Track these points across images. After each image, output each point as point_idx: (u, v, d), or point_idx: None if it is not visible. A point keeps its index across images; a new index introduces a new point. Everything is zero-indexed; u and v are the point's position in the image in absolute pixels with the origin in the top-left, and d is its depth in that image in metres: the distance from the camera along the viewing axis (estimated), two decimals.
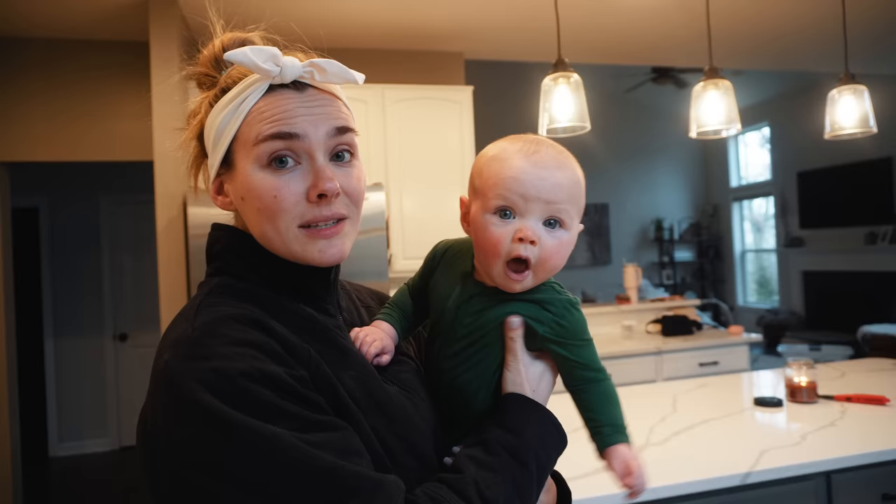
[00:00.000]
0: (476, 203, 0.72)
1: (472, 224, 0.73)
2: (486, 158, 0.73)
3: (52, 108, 3.49)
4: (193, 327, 0.61)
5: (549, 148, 0.72)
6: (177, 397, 0.56)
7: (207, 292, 0.69)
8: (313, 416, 0.59)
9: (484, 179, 0.72)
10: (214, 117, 0.70)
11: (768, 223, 8.73)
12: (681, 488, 1.39)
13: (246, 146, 0.67)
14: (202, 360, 0.58)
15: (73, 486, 4.31)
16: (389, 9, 3.39)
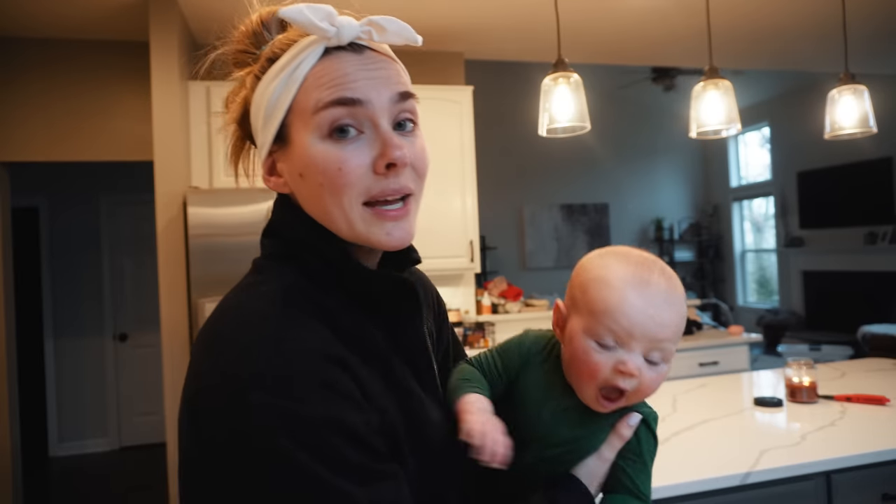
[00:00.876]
0: (577, 320, 0.70)
1: (568, 339, 0.71)
2: (593, 278, 0.70)
3: (52, 109, 3.49)
4: (277, 351, 0.55)
5: (660, 278, 0.69)
6: (252, 428, 0.52)
7: (284, 299, 0.61)
8: (374, 467, 0.56)
9: (590, 301, 0.68)
10: (264, 90, 0.62)
11: (768, 223, 8.73)
12: (681, 488, 1.39)
13: (303, 116, 0.60)
14: (287, 399, 0.53)
15: (73, 486, 4.31)
16: (389, 9, 3.38)
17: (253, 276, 0.66)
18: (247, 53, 0.67)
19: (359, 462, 0.54)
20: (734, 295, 9.07)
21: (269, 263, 0.67)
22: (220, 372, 0.55)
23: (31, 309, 4.91)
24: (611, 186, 8.82)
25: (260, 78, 0.64)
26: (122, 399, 5.09)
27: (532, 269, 8.40)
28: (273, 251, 0.67)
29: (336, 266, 0.64)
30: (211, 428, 0.54)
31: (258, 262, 0.68)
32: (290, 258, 0.65)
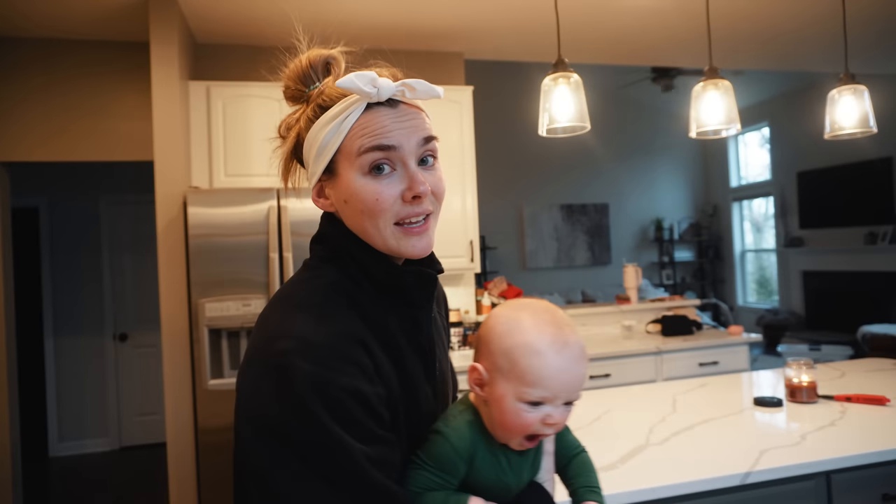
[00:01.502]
0: (506, 386, 0.78)
1: (496, 403, 0.79)
2: (518, 344, 0.78)
3: (51, 108, 3.49)
4: (317, 332, 0.73)
5: (572, 336, 0.80)
6: (291, 384, 0.70)
7: (329, 292, 0.79)
8: (377, 432, 0.73)
9: (521, 371, 0.78)
10: (317, 132, 0.80)
11: (768, 223, 8.73)
12: (681, 488, 1.39)
13: (349, 157, 0.79)
14: (320, 367, 0.71)
15: (73, 486, 4.31)
16: (389, 9, 3.39)
17: (304, 273, 0.85)
18: (297, 90, 0.85)
19: (366, 425, 0.72)
20: (734, 295, 9.08)
21: (317, 263, 0.85)
22: (273, 341, 0.73)
23: (31, 309, 4.91)
24: (611, 186, 8.82)
25: (313, 120, 0.81)
26: (122, 399, 5.10)
27: (532, 269, 8.40)
28: (321, 255, 0.85)
29: (370, 268, 0.82)
30: (258, 382, 0.73)
31: (309, 262, 0.87)
32: (333, 260, 0.84)
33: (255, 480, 0.72)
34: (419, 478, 0.79)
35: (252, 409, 0.73)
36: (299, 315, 0.76)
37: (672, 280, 9.11)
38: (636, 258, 8.78)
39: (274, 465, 0.70)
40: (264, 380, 0.72)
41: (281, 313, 0.77)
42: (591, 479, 0.90)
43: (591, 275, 8.65)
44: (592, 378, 3.24)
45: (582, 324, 3.97)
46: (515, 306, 0.82)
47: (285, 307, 0.78)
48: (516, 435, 0.79)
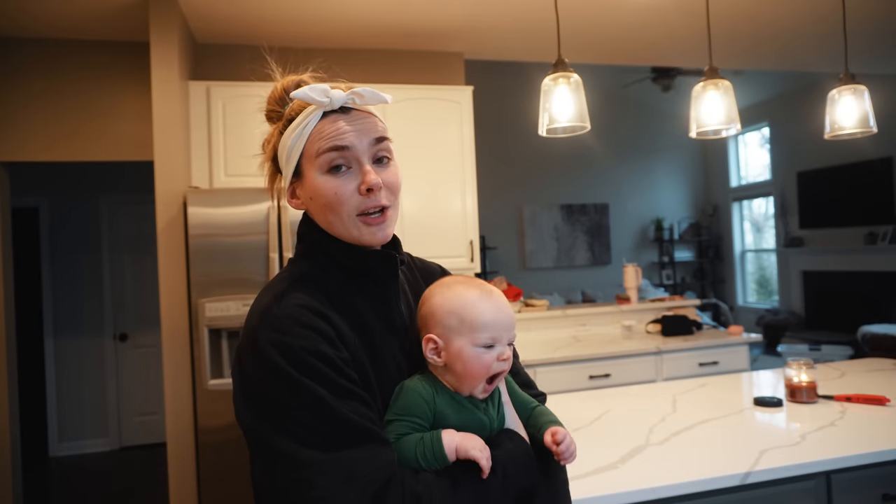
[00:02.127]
0: (461, 339, 0.91)
1: (457, 356, 0.91)
2: (461, 304, 0.93)
3: (52, 108, 3.49)
4: (278, 306, 0.84)
5: (494, 289, 0.96)
6: (259, 352, 0.81)
7: (294, 278, 0.91)
8: (346, 385, 0.81)
9: (472, 321, 0.91)
10: (285, 141, 0.92)
11: (768, 223, 8.73)
12: (681, 488, 1.39)
13: (310, 159, 0.90)
14: (280, 333, 0.81)
15: (73, 486, 4.31)
16: (389, 9, 3.39)
17: (283, 269, 0.97)
18: (275, 111, 0.97)
19: (336, 381, 0.80)
20: (734, 295, 9.08)
21: (293, 260, 0.98)
22: (246, 325, 0.87)
23: (31, 309, 4.91)
24: (611, 186, 8.83)
25: (283, 132, 0.93)
26: (122, 399, 5.10)
27: (532, 269, 8.40)
28: (298, 252, 0.98)
29: (337, 255, 0.92)
30: (241, 353, 0.85)
31: (289, 259, 0.99)
32: (307, 256, 0.95)
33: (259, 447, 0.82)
34: (390, 429, 0.87)
35: (240, 387, 0.85)
36: (265, 298, 0.88)
37: (672, 280, 9.11)
38: (636, 258, 8.78)
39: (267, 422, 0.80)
40: (244, 358, 0.84)
41: (254, 303, 0.90)
42: (551, 416, 1.01)
43: (591, 275, 8.65)
44: (592, 378, 3.24)
45: (582, 324, 3.97)
46: (443, 285, 0.97)
47: (259, 297, 0.90)
48: (481, 378, 0.91)
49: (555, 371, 3.19)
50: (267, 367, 0.81)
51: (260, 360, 0.81)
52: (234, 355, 0.88)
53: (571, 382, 3.19)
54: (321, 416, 0.78)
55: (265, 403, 0.81)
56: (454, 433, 0.87)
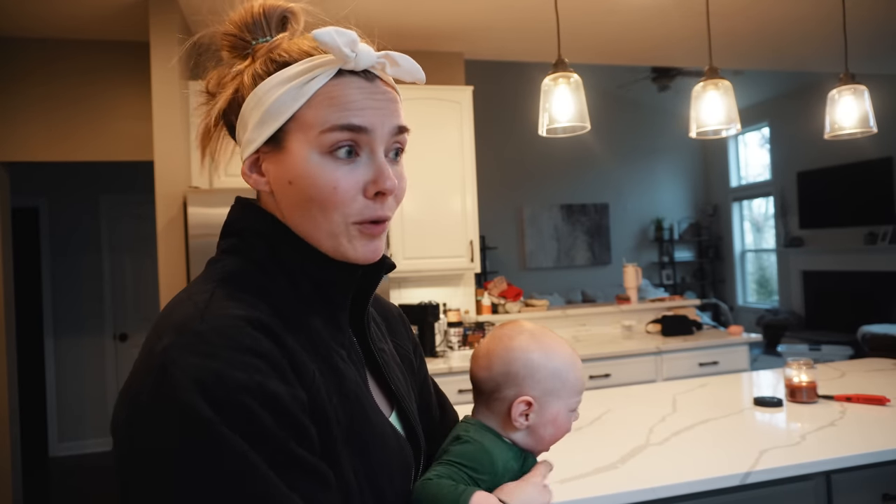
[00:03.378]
0: (558, 403, 0.83)
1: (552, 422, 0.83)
2: (562, 365, 0.84)
3: (52, 108, 3.49)
4: (202, 318, 0.56)
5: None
6: (166, 387, 0.52)
7: (222, 278, 0.64)
8: (295, 450, 0.55)
9: (570, 385, 0.84)
10: (267, 92, 0.64)
11: (768, 223, 8.73)
12: (681, 488, 1.39)
13: (305, 130, 0.63)
14: (204, 357, 0.53)
15: (73, 486, 4.31)
16: (389, 9, 3.39)
17: (202, 273, 0.68)
18: (241, 40, 0.68)
19: (281, 438, 0.54)
20: (734, 295, 9.08)
21: (216, 259, 0.69)
22: (148, 347, 0.57)
23: (31, 309, 4.91)
24: (611, 186, 8.82)
25: (263, 77, 0.65)
26: None
27: (532, 269, 8.40)
28: (224, 248, 0.69)
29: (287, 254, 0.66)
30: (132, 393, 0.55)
31: (210, 260, 0.70)
32: (244, 255, 0.67)
33: None
34: (441, 469, 0.76)
35: (122, 447, 0.54)
36: (182, 309, 0.59)
37: (672, 280, 9.11)
38: (636, 258, 8.78)
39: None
40: (136, 399, 0.54)
41: (160, 318, 0.61)
42: None
43: (591, 275, 8.65)
44: (592, 378, 3.24)
45: (582, 324, 3.97)
46: (532, 335, 0.85)
47: (169, 309, 0.61)
48: (557, 439, 0.85)
49: None
50: (177, 413, 0.51)
51: (167, 401, 0.52)
52: (119, 397, 0.57)
53: None
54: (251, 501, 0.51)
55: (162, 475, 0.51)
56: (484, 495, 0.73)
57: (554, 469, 0.86)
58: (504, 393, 0.82)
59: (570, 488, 1.37)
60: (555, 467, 0.87)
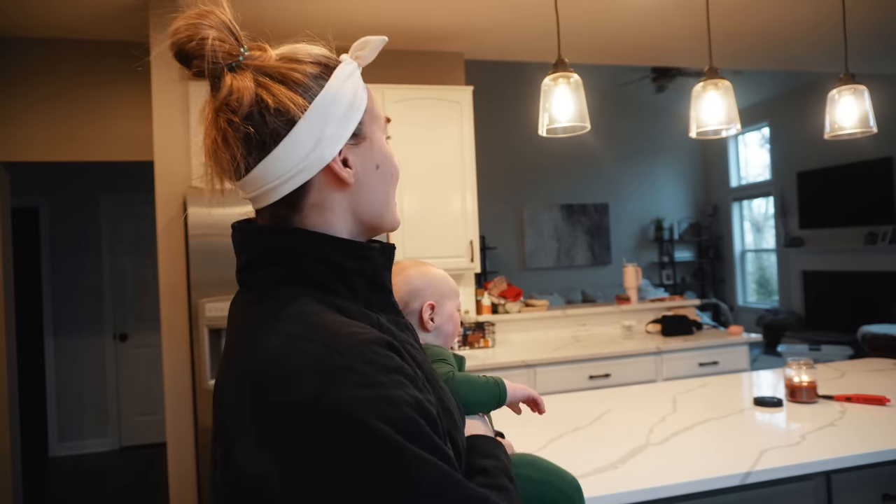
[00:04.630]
0: (449, 303, 1.12)
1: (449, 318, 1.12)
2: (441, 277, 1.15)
3: (52, 108, 3.49)
4: (339, 353, 0.57)
5: None
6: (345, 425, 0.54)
7: (313, 306, 0.64)
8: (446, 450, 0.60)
9: (450, 288, 1.14)
10: (339, 88, 0.67)
11: (768, 223, 8.73)
12: (681, 488, 1.39)
13: (375, 118, 0.72)
14: (366, 388, 0.55)
15: (73, 486, 4.31)
16: (389, 9, 3.39)
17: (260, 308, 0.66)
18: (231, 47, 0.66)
19: (438, 443, 0.58)
20: (734, 295, 9.07)
21: (271, 294, 0.67)
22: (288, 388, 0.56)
23: (31, 309, 4.91)
24: (611, 186, 8.82)
25: (325, 77, 0.68)
26: (122, 399, 5.10)
27: (532, 269, 8.40)
28: (273, 281, 0.68)
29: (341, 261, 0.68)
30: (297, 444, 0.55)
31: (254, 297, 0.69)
32: (288, 281, 0.67)
33: None
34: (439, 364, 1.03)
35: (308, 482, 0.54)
36: (303, 345, 0.59)
37: (672, 280, 9.11)
38: (636, 258, 8.78)
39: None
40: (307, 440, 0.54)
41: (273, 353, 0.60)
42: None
43: (591, 275, 8.64)
44: (592, 378, 3.24)
45: (582, 324, 3.97)
46: (411, 267, 1.13)
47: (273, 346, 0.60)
48: (457, 334, 1.14)
49: (555, 371, 3.19)
50: (372, 446, 0.54)
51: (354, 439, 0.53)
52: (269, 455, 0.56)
53: (571, 382, 3.19)
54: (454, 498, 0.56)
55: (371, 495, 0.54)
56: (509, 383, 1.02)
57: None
58: (412, 306, 1.08)
59: None
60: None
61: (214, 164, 0.69)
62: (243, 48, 0.67)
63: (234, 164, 0.67)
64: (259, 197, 0.70)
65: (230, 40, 0.66)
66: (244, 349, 0.64)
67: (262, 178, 0.67)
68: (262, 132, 0.65)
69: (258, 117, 0.65)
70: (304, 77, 0.66)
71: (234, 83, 0.65)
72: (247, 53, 0.67)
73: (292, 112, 0.65)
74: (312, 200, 0.69)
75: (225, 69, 0.65)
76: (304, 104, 0.65)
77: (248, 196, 0.71)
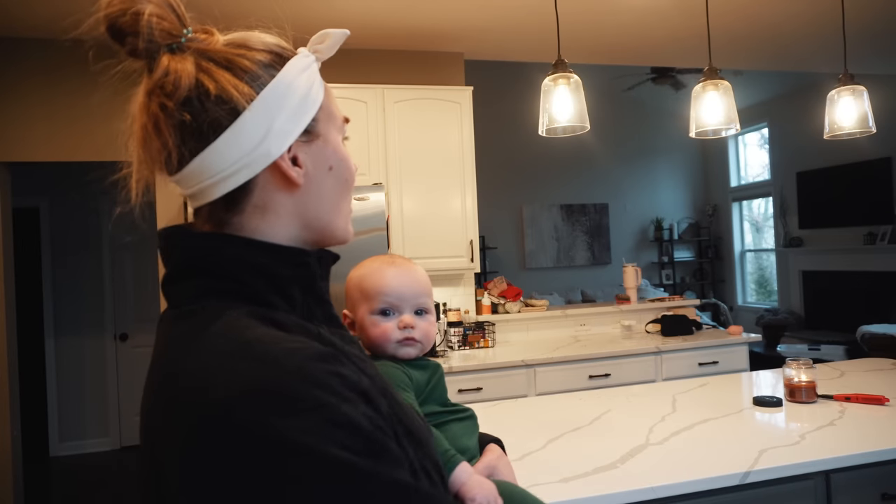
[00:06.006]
0: (361, 309, 0.93)
1: (360, 327, 0.93)
2: (359, 276, 0.95)
3: (52, 109, 3.49)
4: (279, 372, 0.51)
5: (400, 260, 0.95)
6: (298, 458, 0.48)
7: (245, 324, 0.56)
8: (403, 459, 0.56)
9: (364, 290, 0.93)
10: (294, 79, 0.62)
11: (768, 223, 8.74)
12: (681, 488, 1.39)
13: (331, 117, 0.67)
14: (314, 411, 0.50)
15: (73, 486, 4.31)
16: (389, 9, 3.39)
17: (186, 322, 0.60)
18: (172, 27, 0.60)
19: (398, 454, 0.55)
20: (734, 295, 9.08)
21: (197, 308, 0.60)
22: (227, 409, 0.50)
23: (31, 309, 4.91)
24: (611, 186, 8.82)
25: (277, 66, 0.63)
26: (122, 399, 5.10)
27: (532, 269, 8.40)
28: (197, 289, 0.61)
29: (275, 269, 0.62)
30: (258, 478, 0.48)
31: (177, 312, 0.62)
32: (216, 293, 0.60)
33: None
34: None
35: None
36: (230, 365, 0.52)
37: (672, 280, 9.11)
38: (636, 258, 8.78)
39: None
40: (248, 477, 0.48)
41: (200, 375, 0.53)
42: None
43: (590, 275, 8.65)
44: (592, 378, 3.24)
45: (582, 324, 3.97)
46: (358, 265, 0.98)
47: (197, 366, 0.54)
48: (385, 342, 0.91)
49: (555, 371, 3.19)
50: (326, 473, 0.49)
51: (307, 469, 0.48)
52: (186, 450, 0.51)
53: (571, 382, 3.20)
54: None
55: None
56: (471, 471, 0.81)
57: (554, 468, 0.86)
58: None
59: (570, 488, 1.37)
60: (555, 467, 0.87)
61: (143, 151, 0.62)
62: (187, 29, 0.60)
63: (166, 154, 0.60)
64: (197, 194, 0.62)
65: (171, 18, 0.59)
66: (166, 371, 0.58)
67: (201, 173, 0.60)
68: (199, 120, 0.58)
69: (197, 104, 0.58)
70: (252, 65, 0.61)
71: (171, 64, 0.58)
72: (190, 35, 0.60)
73: (236, 100, 0.59)
74: (255, 201, 0.62)
75: (163, 49, 0.59)
76: (251, 93, 0.60)
77: (186, 193, 0.63)
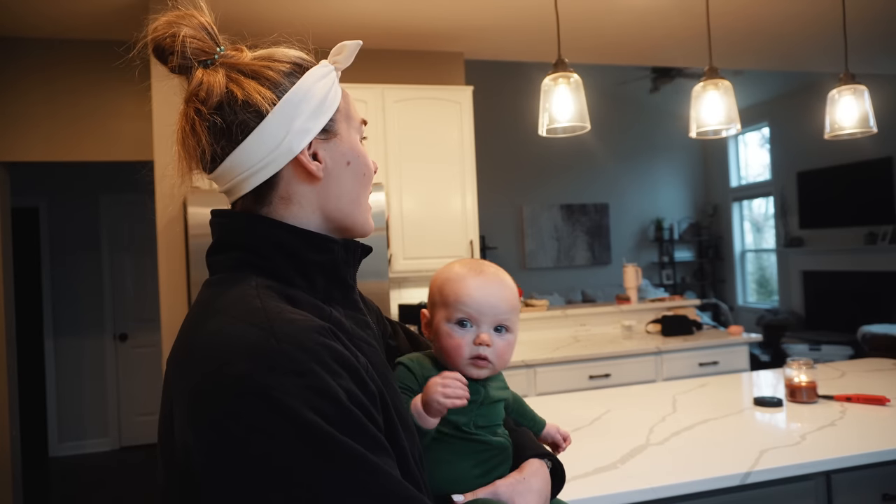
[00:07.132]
0: (439, 314, 0.89)
1: (435, 332, 0.88)
2: (443, 279, 0.90)
3: (52, 108, 3.49)
4: (275, 338, 0.58)
5: (490, 268, 0.90)
6: (272, 412, 0.54)
7: (259, 291, 0.64)
8: (381, 440, 0.60)
9: (445, 296, 0.88)
10: (313, 84, 0.71)
11: (768, 223, 8.73)
12: (681, 488, 1.39)
13: (348, 118, 0.75)
14: (299, 376, 0.56)
15: (73, 487, 4.31)
16: (389, 9, 3.39)
17: (210, 290, 0.69)
18: (205, 45, 0.72)
19: (372, 433, 0.59)
20: (734, 295, 9.07)
21: (225, 276, 0.70)
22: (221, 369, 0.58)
23: (31, 309, 4.91)
24: (611, 186, 8.82)
25: (297, 74, 0.71)
26: (121, 399, 5.10)
27: (532, 269, 8.40)
28: (233, 265, 0.70)
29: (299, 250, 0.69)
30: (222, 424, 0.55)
31: (211, 279, 0.72)
32: (246, 265, 0.69)
33: None
34: None
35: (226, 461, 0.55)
36: (240, 329, 0.60)
37: (672, 280, 9.11)
38: (636, 258, 8.78)
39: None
40: (230, 419, 0.55)
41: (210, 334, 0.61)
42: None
43: (591, 275, 8.64)
44: (592, 378, 3.24)
45: (582, 324, 3.97)
46: (447, 265, 0.93)
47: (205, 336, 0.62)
48: (457, 357, 0.85)
49: (555, 371, 3.19)
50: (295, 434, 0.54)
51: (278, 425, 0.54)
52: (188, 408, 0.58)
53: (571, 382, 3.19)
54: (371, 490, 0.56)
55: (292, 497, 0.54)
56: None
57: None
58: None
59: (570, 488, 1.37)
60: None
61: (182, 149, 0.71)
62: (220, 48, 0.71)
63: (201, 151, 0.69)
64: (231, 189, 0.72)
65: (205, 39, 0.71)
66: (189, 327, 0.66)
67: (233, 170, 0.70)
68: (229, 123, 0.68)
69: (227, 108, 0.68)
70: (275, 74, 0.70)
71: (204, 77, 0.69)
72: (222, 52, 0.71)
73: (260, 105, 0.68)
74: (281, 193, 0.71)
75: (197, 64, 0.70)
76: (273, 98, 0.68)
77: (222, 189, 0.73)
